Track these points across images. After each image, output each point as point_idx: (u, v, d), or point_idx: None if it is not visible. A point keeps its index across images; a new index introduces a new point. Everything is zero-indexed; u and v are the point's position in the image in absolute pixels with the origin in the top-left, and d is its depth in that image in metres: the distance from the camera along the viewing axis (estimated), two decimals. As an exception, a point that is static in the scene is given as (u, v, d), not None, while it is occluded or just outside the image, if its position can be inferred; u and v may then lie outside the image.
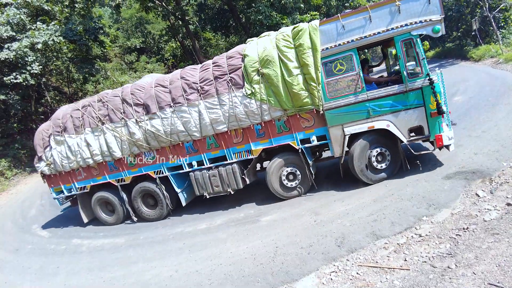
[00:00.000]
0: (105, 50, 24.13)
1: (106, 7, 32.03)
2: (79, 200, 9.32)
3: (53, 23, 17.15)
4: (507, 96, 10.46)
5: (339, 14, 6.53)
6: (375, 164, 6.79)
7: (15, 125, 19.30)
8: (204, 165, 7.74)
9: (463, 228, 4.72)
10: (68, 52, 20.04)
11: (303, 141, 7.09)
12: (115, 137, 8.07)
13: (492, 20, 20.53)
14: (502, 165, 6.26)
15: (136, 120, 7.73)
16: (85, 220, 9.39)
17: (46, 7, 18.18)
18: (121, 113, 7.88)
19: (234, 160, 7.49)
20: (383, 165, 6.84)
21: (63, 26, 17.52)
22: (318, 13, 18.15)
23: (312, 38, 6.41)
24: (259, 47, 6.85)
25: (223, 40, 27.90)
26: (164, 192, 8.24)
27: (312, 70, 6.45)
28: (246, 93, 6.85)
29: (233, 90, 6.96)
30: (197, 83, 7.20)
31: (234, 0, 19.34)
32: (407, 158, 6.91)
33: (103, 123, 8.11)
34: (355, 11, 6.36)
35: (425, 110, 6.32)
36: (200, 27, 26.16)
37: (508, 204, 4.97)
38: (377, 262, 4.60)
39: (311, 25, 6.48)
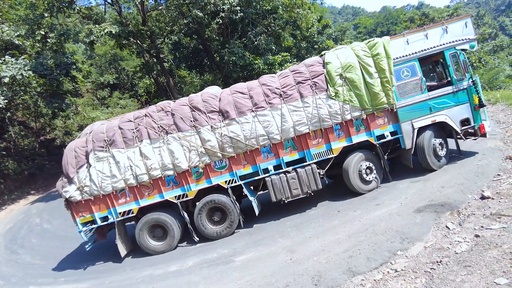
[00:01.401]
0: (77, 86, 23.75)
1: (80, 43, 32.05)
2: (117, 229, 7.97)
3: (22, 57, 16.81)
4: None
5: (404, 32, 8.45)
6: (439, 152, 8.18)
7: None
8: (280, 169, 7.84)
9: (437, 262, 4.75)
10: (37, 87, 19.51)
11: (378, 137, 8.00)
12: (183, 146, 7.64)
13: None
14: (468, 197, 6.51)
15: (211, 126, 7.63)
16: (123, 253, 8.00)
17: (16, 42, 17.89)
18: (191, 121, 7.67)
19: (313, 161, 7.85)
20: (443, 153, 8.29)
21: (33, 60, 17.20)
22: (289, 54, 19.02)
23: (386, 49, 7.84)
24: (339, 56, 7.90)
25: (197, 78, 28.36)
26: (236, 203, 7.85)
27: (388, 74, 7.78)
28: (331, 95, 7.72)
29: (316, 93, 7.73)
30: (279, 88, 7.75)
31: (209, 41, 19.97)
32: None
33: (167, 133, 7.65)
34: (417, 30, 8.24)
35: (470, 105, 8.13)
36: (174, 65, 26.56)
37: (476, 236, 5.10)
38: (355, 300, 4.48)
39: (384, 39, 7.99)
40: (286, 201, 7.86)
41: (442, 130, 8.36)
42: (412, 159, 8.27)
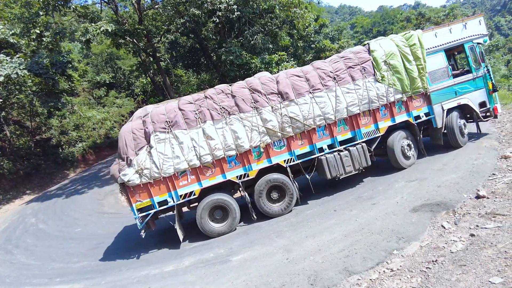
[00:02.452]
0: (73, 85, 23.61)
1: (76, 42, 31.85)
2: (177, 213, 7.98)
3: (17, 55, 16.67)
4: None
5: (433, 27, 9.87)
6: (464, 130, 9.44)
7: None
8: (332, 148, 8.41)
9: (432, 261, 4.76)
10: (33, 86, 19.37)
11: (415, 118, 8.98)
12: (245, 127, 7.85)
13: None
14: (463, 196, 6.54)
15: (272, 107, 7.97)
16: (182, 236, 7.91)
17: (11, 40, 17.74)
18: (252, 102, 7.93)
19: (362, 140, 8.55)
20: (466, 132, 9.54)
21: (29, 59, 17.07)
22: (286, 53, 19.01)
23: (420, 40, 8.88)
24: (382, 45, 8.82)
25: (194, 77, 28.29)
26: (294, 181, 8.22)
27: (423, 62, 8.82)
28: (378, 79, 8.55)
29: (365, 77, 8.51)
30: (333, 72, 8.39)
31: (206, 40, 19.92)
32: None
33: (229, 114, 7.81)
34: (443, 25, 9.57)
35: (485, 90, 9.50)
36: (171, 64, 26.46)
37: (472, 235, 5.12)
38: (350, 300, 4.48)
39: (418, 32, 9.05)
40: (340, 178, 8.33)
41: (463, 112, 9.58)
42: (442, 138, 9.33)
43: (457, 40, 9.33)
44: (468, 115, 9.85)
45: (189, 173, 7.74)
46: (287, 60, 17.86)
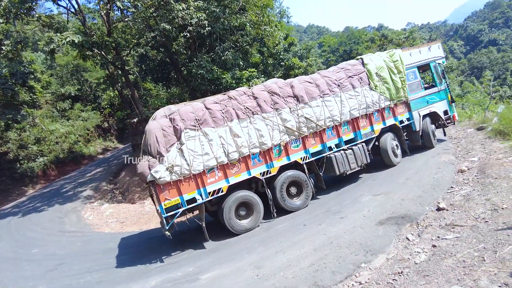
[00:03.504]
0: (35, 96, 22.48)
1: (39, 52, 30.54)
2: (204, 211, 7.91)
3: (-27, 65, 15.72)
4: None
5: (408, 47, 11.68)
6: (435, 133, 11.42)
7: None
8: (337, 148, 9.35)
9: (398, 272, 4.89)
10: (-11, 97, 18.26)
11: (400, 122, 10.51)
12: (267, 126, 8.37)
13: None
14: (425, 209, 6.84)
15: (290, 108, 8.72)
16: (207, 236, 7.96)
17: (-34, 49, 16.75)
18: (272, 104, 8.58)
19: (361, 140, 9.70)
20: (436, 135, 11.62)
21: (-15, 69, 16.14)
22: (256, 70, 19.31)
23: (401, 57, 10.61)
24: (373, 60, 10.32)
25: (164, 91, 27.93)
26: (310, 177, 8.95)
27: (403, 75, 10.51)
28: (372, 87, 9.95)
29: (362, 85, 9.83)
30: (337, 80, 9.53)
31: (176, 54, 19.82)
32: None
33: (253, 114, 8.30)
34: (415, 47, 11.58)
35: (447, 101, 11.59)
36: (140, 78, 25.99)
37: (434, 246, 5.34)
38: (320, 315, 4.48)
39: (398, 50, 10.82)
40: (347, 174, 9.28)
41: (431, 119, 11.30)
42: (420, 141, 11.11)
43: (425, 59, 11.33)
44: (434, 123, 11.63)
45: (216, 170, 7.90)
46: (257, 76, 18.12)
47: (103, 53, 17.68)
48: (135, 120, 18.78)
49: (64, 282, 7.74)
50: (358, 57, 10.93)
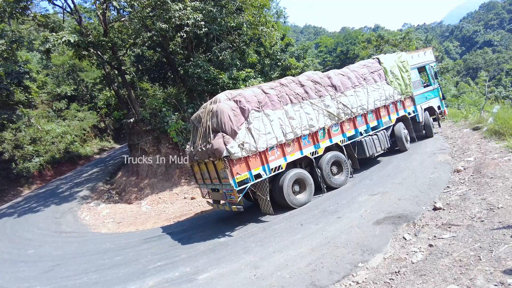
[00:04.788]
0: (31, 96, 22.35)
1: (35, 51, 30.33)
2: (266, 186, 8.53)
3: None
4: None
5: (409, 51, 14.88)
6: (433, 125, 13.48)
7: None
8: (366, 133, 10.64)
9: (395, 272, 4.91)
10: (-17, 97, 18.11)
11: (408, 114, 12.15)
12: (315, 110, 9.43)
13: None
14: (422, 209, 6.87)
15: (330, 96, 9.91)
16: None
17: (-39, 48, 16.55)
18: (316, 91, 9.70)
19: (383, 127, 11.15)
20: (436, 125, 13.97)
21: (-20, 69, 16.00)
22: (253, 70, 19.30)
23: (406, 58, 12.46)
24: (386, 59, 12.05)
25: (160, 90, 27.83)
26: (347, 158, 10.10)
27: (410, 74, 12.29)
28: (388, 82, 11.59)
29: (381, 80, 11.42)
30: (363, 75, 11.03)
31: (173, 54, 19.76)
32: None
33: (303, 99, 9.33)
34: (416, 50, 13.91)
35: (439, 98, 13.69)
36: (137, 77, 25.88)
37: (430, 245, 5.36)
38: (318, 314, 4.48)
39: (404, 53, 12.84)
40: (374, 155, 10.60)
41: (429, 112, 13.16)
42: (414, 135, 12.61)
43: (423, 62, 13.42)
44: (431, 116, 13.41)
45: (276, 148, 8.69)
46: (254, 76, 18.12)
47: (99, 53, 17.61)
48: (131, 120, 18.68)
49: (61, 283, 7.70)
50: (374, 56, 12.55)
